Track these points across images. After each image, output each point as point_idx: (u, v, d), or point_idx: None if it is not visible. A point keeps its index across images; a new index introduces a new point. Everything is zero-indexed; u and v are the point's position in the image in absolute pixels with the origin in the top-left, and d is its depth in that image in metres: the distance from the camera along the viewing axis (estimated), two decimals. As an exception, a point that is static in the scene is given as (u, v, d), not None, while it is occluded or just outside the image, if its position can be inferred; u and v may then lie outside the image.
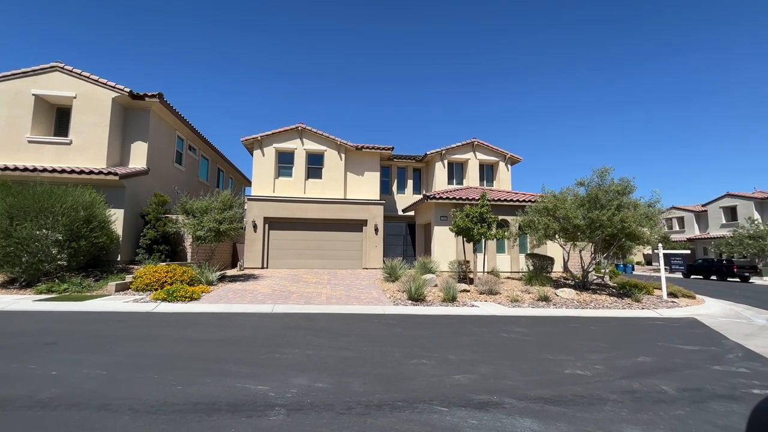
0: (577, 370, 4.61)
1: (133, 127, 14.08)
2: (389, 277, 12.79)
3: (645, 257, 46.31)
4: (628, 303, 10.44)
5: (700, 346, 6.05)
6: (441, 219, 15.93)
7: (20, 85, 12.86)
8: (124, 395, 3.39)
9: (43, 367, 4.05)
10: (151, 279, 9.66)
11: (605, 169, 11.11)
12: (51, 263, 9.75)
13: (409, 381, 4.03)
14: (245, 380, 3.85)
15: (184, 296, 8.65)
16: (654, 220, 10.43)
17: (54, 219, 9.46)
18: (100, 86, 13.23)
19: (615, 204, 10.47)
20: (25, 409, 3.05)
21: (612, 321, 8.23)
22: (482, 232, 11.80)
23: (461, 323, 7.43)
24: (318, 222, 17.37)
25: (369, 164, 18.71)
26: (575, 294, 10.89)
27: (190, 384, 3.70)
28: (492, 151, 20.28)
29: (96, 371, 3.99)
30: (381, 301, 9.41)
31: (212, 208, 11.85)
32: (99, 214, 10.57)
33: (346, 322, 7.17)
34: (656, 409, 3.45)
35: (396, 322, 7.25)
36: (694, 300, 11.63)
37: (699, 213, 39.26)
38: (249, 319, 7.16)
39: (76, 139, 12.97)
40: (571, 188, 12.02)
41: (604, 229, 10.47)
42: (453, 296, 9.64)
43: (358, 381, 3.96)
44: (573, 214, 10.76)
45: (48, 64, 13.09)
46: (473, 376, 4.26)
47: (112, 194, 12.11)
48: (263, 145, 17.55)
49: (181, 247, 13.78)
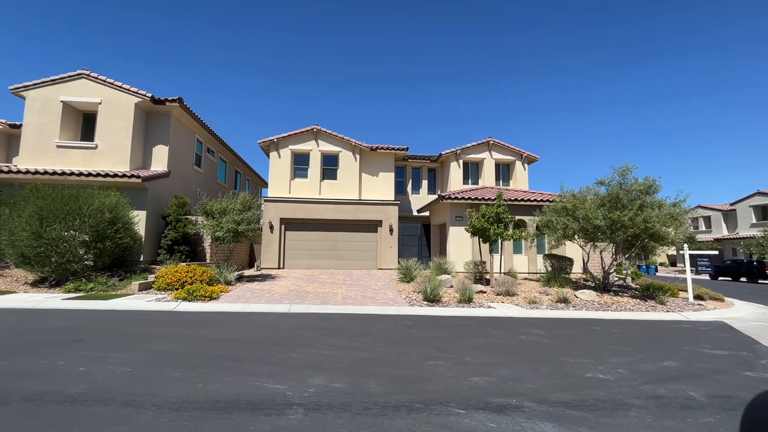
0: (599, 374, 4.48)
1: (154, 131, 14.51)
2: (404, 277, 12.76)
3: (669, 258, 44.72)
4: (652, 305, 10.12)
5: (729, 351, 5.80)
6: (456, 219, 15.80)
7: (49, 92, 13.43)
8: (147, 392, 3.48)
9: (72, 364, 4.20)
10: (172, 279, 9.92)
11: (627, 168, 10.77)
12: (78, 263, 10.13)
13: (426, 382, 4.00)
14: (264, 379, 3.90)
15: (204, 296, 8.85)
16: (679, 220, 10.06)
17: (81, 221, 9.84)
18: (123, 92, 13.69)
19: (637, 204, 10.15)
20: (56, 404, 3.17)
21: (635, 324, 7.98)
22: (498, 232, 11.64)
23: (478, 325, 7.34)
24: (333, 223, 17.49)
25: (383, 165, 18.73)
26: (596, 296, 10.62)
27: (211, 382, 3.78)
28: (508, 150, 19.99)
29: (121, 368, 4.12)
30: (396, 302, 9.40)
31: (231, 209, 12.09)
32: (123, 215, 10.93)
33: (361, 322, 7.19)
34: (683, 416, 3.32)
35: (412, 323, 7.22)
36: (722, 303, 11.17)
37: (727, 212, 37.65)
38: (266, 319, 7.27)
39: (101, 143, 13.46)
40: (591, 187, 11.73)
41: (625, 230, 10.17)
42: (469, 297, 9.54)
43: (374, 381, 3.96)
44: (593, 214, 10.49)
45: (75, 72, 13.62)
46: (491, 378, 4.20)
47: (135, 196, 12.51)
48: (279, 147, 17.79)
49: (200, 248, 14.10)
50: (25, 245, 9.27)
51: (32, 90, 13.40)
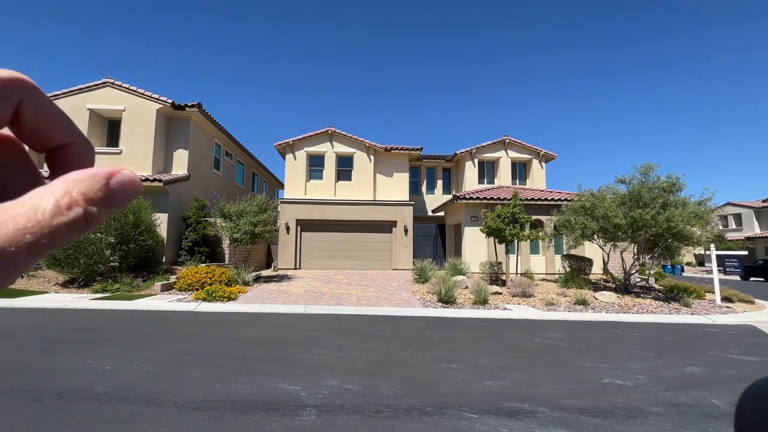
0: (617, 379, 4.39)
1: (174, 136, 14.96)
2: (419, 278, 12.74)
3: (696, 258, 42.97)
4: (676, 308, 9.78)
5: (759, 357, 5.57)
6: (471, 219, 15.66)
7: (76, 101, 14.03)
8: (169, 390, 3.62)
9: (99, 362, 4.41)
10: (193, 279, 10.22)
11: (649, 166, 10.43)
12: (105, 264, 10.57)
13: (438, 385, 4.01)
14: (279, 380, 4.00)
15: (223, 296, 9.08)
16: (705, 219, 9.68)
17: (107, 223, 10.25)
18: (145, 99, 14.17)
19: (660, 202, 9.82)
20: (84, 401, 3.34)
21: (657, 327, 7.74)
22: (514, 233, 11.48)
23: (493, 327, 7.28)
24: (348, 223, 17.62)
25: (398, 165, 18.74)
26: (616, 297, 10.34)
27: (228, 382, 3.90)
28: (525, 149, 19.66)
29: (144, 367, 4.29)
30: (411, 303, 9.41)
31: (248, 211, 12.34)
32: (146, 218, 11.33)
33: (375, 323, 7.24)
34: (704, 425, 3.22)
35: (426, 325, 7.22)
36: (752, 305, 10.69)
37: (759, 209, 35.88)
38: (282, 320, 7.41)
39: (125, 148, 13.98)
40: (610, 186, 11.42)
41: (648, 229, 9.85)
42: (484, 299, 9.46)
43: (387, 384, 3.99)
44: (613, 212, 10.22)
45: (100, 81, 14.19)
46: (504, 382, 4.17)
47: (157, 200, 12.93)
48: (295, 149, 18.04)
49: (219, 249, 14.47)
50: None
51: (61, 99, 14.02)
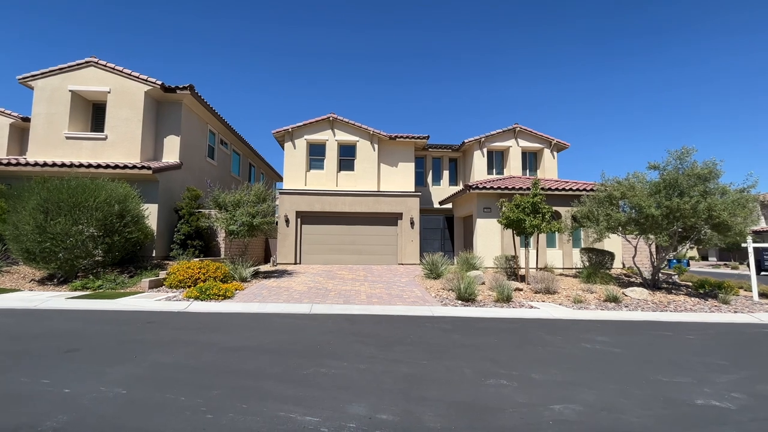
0: (711, 399, 3.51)
1: (165, 121, 13.87)
2: (430, 273, 11.84)
3: (699, 252, 42.46)
4: (715, 305, 8.97)
5: None
6: (484, 211, 14.74)
7: (57, 81, 12.89)
8: (142, 426, 2.69)
9: (57, 383, 3.45)
10: (185, 275, 9.25)
11: (686, 150, 9.50)
12: (87, 259, 9.55)
13: (496, 412, 3.10)
14: (290, 406, 3.07)
15: (217, 294, 8.13)
16: (749, 208, 8.83)
17: (89, 213, 9.22)
18: (132, 80, 13.06)
19: (699, 189, 8.96)
20: (21, 447, 2.39)
21: (708, 328, 6.89)
22: (535, 224, 10.58)
23: (526, 329, 6.40)
24: (351, 216, 16.66)
25: (403, 154, 17.75)
26: (648, 294, 9.51)
27: (223, 410, 2.96)
28: (536, 137, 18.72)
29: (115, 389, 3.34)
30: (427, 301, 8.50)
31: (245, 201, 11.36)
32: (132, 208, 10.29)
33: (393, 325, 6.33)
34: None
35: (451, 327, 6.32)
36: (793, 302, 9.91)
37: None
38: (286, 321, 6.48)
39: (111, 134, 12.88)
40: (639, 173, 10.53)
41: (685, 220, 8.99)
42: (507, 296, 8.57)
43: (429, 411, 3.08)
44: (646, 202, 9.33)
45: (83, 60, 13.03)
46: (577, 406, 3.27)
47: (147, 189, 11.89)
48: (294, 137, 17.00)
49: (214, 243, 13.46)
50: (29, 240, 8.69)
51: (40, 80, 12.88)
